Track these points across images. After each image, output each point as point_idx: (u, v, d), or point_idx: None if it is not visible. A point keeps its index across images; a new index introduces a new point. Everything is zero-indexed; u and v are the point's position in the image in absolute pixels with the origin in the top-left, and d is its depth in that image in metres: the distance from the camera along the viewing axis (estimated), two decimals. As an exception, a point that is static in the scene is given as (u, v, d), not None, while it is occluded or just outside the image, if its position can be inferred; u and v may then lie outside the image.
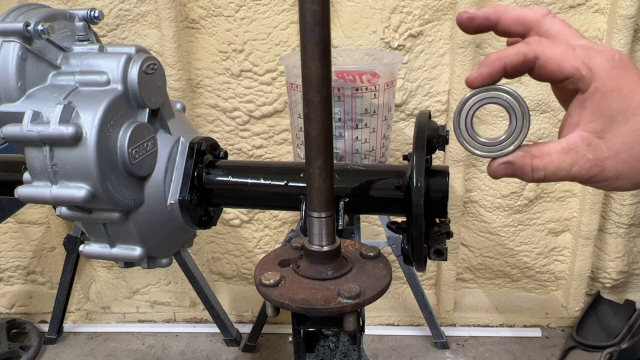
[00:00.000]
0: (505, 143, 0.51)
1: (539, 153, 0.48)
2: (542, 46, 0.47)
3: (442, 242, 0.63)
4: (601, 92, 0.45)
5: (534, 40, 0.49)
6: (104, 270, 2.01)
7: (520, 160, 0.49)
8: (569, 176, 0.47)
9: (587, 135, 0.46)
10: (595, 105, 0.45)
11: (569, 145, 0.47)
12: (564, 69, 0.46)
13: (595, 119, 0.45)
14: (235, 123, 1.75)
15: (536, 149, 0.49)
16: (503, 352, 1.78)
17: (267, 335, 1.87)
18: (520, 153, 0.50)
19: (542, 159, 0.48)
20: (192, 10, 1.63)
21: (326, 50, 0.52)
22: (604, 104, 0.45)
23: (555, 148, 0.47)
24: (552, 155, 0.47)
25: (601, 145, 0.45)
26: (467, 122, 0.52)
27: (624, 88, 0.44)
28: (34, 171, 0.64)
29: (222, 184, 0.77)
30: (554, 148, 0.47)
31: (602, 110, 0.45)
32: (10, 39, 0.64)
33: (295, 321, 0.63)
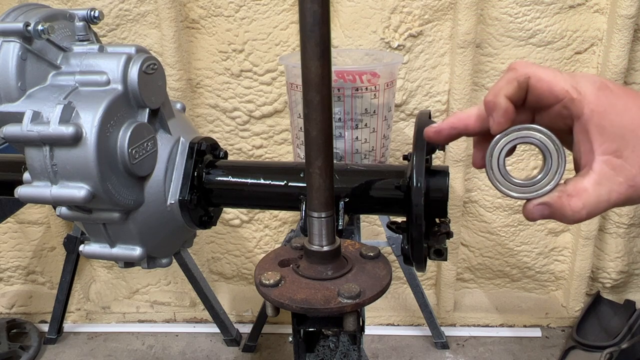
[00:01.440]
0: (541, 183, 0.50)
1: (575, 191, 0.46)
2: (532, 68, 0.47)
3: (442, 242, 0.63)
4: (597, 113, 0.45)
5: (520, 64, 0.48)
6: (104, 270, 2.01)
7: (557, 202, 0.47)
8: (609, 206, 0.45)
9: (607, 158, 0.45)
10: (599, 127, 0.45)
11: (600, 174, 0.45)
12: (555, 90, 0.46)
13: (606, 139, 0.45)
14: (235, 123, 1.75)
15: (572, 188, 0.47)
16: (503, 352, 1.78)
17: (267, 335, 1.87)
18: (556, 194, 0.48)
19: (580, 197, 0.46)
20: (192, 10, 1.63)
21: (326, 50, 0.52)
22: (606, 123, 0.45)
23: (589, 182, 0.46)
24: (589, 190, 0.45)
25: (624, 164, 0.44)
26: (499, 164, 0.51)
27: (617, 105, 0.44)
28: (34, 171, 0.64)
29: (222, 184, 0.77)
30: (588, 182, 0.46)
31: (607, 130, 0.45)
32: (10, 39, 0.64)
33: (295, 321, 0.63)
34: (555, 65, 1.62)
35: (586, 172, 0.46)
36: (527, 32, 1.58)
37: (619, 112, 0.44)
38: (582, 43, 1.60)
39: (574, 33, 1.59)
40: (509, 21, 1.57)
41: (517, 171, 1.74)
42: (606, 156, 0.45)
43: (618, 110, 0.44)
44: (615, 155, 0.45)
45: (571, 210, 0.46)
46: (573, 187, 0.47)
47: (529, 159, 1.72)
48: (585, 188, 0.46)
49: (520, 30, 1.58)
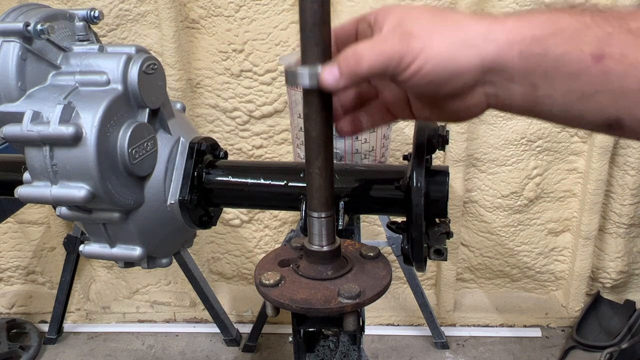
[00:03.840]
0: None
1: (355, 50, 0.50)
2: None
3: (442, 242, 0.63)
4: (381, 16, 0.51)
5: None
6: (104, 270, 2.01)
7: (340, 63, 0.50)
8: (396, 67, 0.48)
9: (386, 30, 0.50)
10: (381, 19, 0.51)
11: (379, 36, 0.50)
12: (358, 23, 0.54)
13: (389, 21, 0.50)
14: (235, 123, 1.75)
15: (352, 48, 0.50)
16: (503, 352, 1.78)
17: (267, 335, 1.87)
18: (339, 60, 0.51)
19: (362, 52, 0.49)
20: (192, 10, 1.63)
21: (326, 50, 0.52)
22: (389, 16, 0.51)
23: (369, 42, 0.50)
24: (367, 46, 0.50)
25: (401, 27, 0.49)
26: None
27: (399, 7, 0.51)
28: (34, 171, 0.64)
29: (222, 184, 0.77)
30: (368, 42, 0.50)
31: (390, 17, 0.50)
32: (10, 39, 0.64)
33: (295, 321, 0.63)
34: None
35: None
36: (527, 32, 1.58)
37: (401, 7, 0.51)
38: (582, 43, 1.60)
39: (574, 33, 1.59)
40: (509, 21, 1.57)
41: (517, 171, 1.74)
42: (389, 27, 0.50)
43: (401, 7, 0.51)
44: (396, 26, 0.49)
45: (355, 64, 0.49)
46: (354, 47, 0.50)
47: (529, 159, 1.72)
48: (366, 45, 0.49)
49: (520, 30, 1.58)
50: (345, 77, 0.50)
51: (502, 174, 1.75)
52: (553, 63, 0.46)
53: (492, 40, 0.47)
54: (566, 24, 0.46)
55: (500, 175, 1.75)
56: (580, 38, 0.45)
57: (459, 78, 0.48)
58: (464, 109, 0.51)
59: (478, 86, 0.49)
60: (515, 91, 0.48)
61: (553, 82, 0.46)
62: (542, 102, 0.48)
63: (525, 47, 0.46)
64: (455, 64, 0.47)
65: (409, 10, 0.50)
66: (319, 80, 0.50)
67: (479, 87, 0.50)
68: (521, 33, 0.47)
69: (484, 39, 0.47)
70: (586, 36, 0.45)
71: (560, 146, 1.72)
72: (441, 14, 0.50)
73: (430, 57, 0.47)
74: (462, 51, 0.47)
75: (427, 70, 0.48)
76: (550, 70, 0.46)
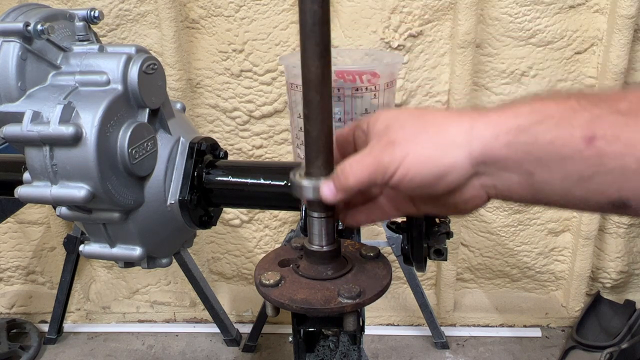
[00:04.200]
0: None
1: (348, 165, 0.54)
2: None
3: (442, 242, 0.63)
4: (370, 123, 0.54)
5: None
6: (104, 270, 2.01)
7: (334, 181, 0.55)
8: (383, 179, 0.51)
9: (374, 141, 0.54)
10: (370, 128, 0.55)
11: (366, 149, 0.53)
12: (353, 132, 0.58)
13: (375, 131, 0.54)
14: (235, 123, 1.75)
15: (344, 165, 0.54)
16: (503, 352, 1.78)
17: (267, 335, 1.87)
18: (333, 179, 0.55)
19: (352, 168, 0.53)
20: (192, 10, 1.63)
21: (326, 50, 0.52)
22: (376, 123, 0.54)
23: (359, 156, 0.53)
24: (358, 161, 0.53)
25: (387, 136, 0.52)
26: None
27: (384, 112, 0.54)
28: (34, 171, 0.64)
29: (222, 184, 0.77)
30: (358, 156, 0.54)
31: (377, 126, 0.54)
32: (10, 39, 0.64)
33: (295, 321, 0.63)
34: (555, 65, 1.62)
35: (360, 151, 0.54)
36: (527, 32, 1.58)
37: (386, 112, 0.53)
38: (582, 43, 1.60)
39: (574, 33, 1.59)
40: (509, 21, 1.57)
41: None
42: (375, 138, 0.53)
43: (386, 112, 0.54)
44: (381, 134, 0.53)
45: (345, 179, 0.53)
46: (346, 163, 0.54)
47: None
48: (356, 160, 0.53)
49: (520, 30, 1.58)
50: (340, 192, 0.54)
51: (502, 174, 1.75)
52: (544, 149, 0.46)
53: (476, 136, 0.48)
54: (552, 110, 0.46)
55: (500, 175, 1.75)
56: (568, 122, 0.45)
57: (447, 177, 0.49)
58: (463, 203, 0.52)
59: (473, 179, 0.50)
60: (512, 180, 0.49)
61: (548, 167, 0.46)
62: (541, 188, 0.48)
63: (512, 138, 0.47)
64: (440, 166, 0.49)
65: (395, 116, 0.53)
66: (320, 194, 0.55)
67: (474, 180, 0.50)
68: (506, 124, 0.48)
69: (468, 136, 0.48)
70: (575, 120, 0.45)
71: (560, 146, 1.72)
72: (425, 116, 0.52)
73: (413, 162, 0.49)
74: (447, 152, 0.49)
75: (413, 175, 0.50)
76: (542, 156, 0.46)
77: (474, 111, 0.51)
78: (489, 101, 1.66)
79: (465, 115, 0.50)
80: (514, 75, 1.63)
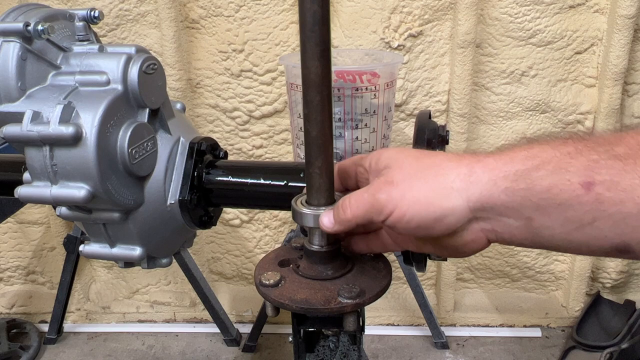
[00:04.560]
0: None
1: (347, 201, 0.55)
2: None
3: (442, 242, 0.63)
4: (373, 161, 0.56)
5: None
6: (104, 270, 2.01)
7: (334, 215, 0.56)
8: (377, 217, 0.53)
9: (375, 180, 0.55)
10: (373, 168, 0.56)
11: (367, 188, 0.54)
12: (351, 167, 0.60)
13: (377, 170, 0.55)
14: (235, 123, 1.75)
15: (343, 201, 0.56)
16: (503, 352, 1.78)
17: (267, 335, 1.87)
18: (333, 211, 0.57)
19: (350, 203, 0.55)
20: (192, 10, 1.63)
21: (326, 50, 0.52)
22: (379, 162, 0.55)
23: (358, 193, 0.55)
24: (357, 199, 0.54)
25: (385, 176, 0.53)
26: None
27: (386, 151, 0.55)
28: (34, 171, 0.64)
29: (222, 184, 0.77)
30: (357, 194, 0.55)
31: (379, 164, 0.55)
32: (10, 39, 0.64)
33: (295, 321, 0.63)
34: (555, 65, 1.62)
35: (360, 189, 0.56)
36: (527, 32, 1.58)
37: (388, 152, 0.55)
38: (582, 43, 1.60)
39: (574, 33, 1.59)
40: (509, 21, 1.57)
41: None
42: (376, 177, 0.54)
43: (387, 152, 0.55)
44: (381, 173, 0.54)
45: (343, 214, 0.55)
46: (345, 200, 0.55)
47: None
48: (355, 198, 0.54)
49: (520, 30, 1.58)
50: (338, 224, 0.55)
51: (502, 174, 1.75)
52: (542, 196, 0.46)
53: (474, 182, 0.49)
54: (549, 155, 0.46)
55: (500, 175, 1.75)
56: (565, 168, 0.45)
57: (445, 220, 0.50)
58: (462, 246, 0.53)
59: (472, 224, 0.50)
60: (511, 225, 0.49)
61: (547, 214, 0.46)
62: (540, 233, 0.48)
63: (509, 184, 0.47)
64: (438, 209, 0.49)
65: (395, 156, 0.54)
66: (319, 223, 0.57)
67: (474, 225, 0.51)
68: (503, 170, 0.48)
69: (466, 181, 0.49)
70: (572, 166, 0.45)
71: (560, 146, 1.72)
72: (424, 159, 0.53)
73: (410, 204, 0.50)
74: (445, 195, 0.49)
75: (411, 216, 0.50)
76: (540, 203, 0.46)
77: (472, 156, 0.51)
78: (489, 101, 1.66)
79: (464, 159, 0.51)
80: (514, 75, 1.63)
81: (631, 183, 0.43)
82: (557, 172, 0.45)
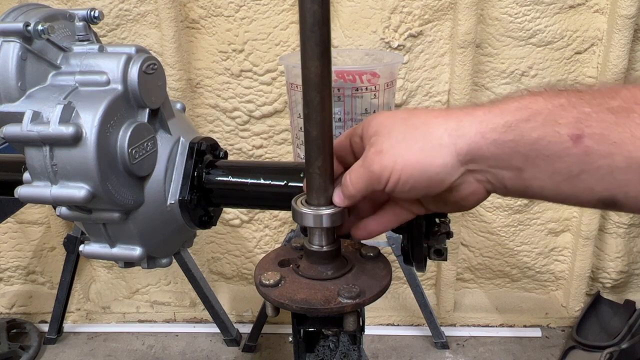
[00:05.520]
0: None
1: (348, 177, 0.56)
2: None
3: (442, 242, 0.63)
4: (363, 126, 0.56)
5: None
6: (104, 270, 2.01)
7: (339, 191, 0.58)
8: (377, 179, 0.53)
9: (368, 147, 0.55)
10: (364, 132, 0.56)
11: (362, 158, 0.55)
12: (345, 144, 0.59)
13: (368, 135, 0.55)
14: (235, 123, 1.75)
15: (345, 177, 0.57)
16: (503, 352, 1.78)
17: (267, 335, 1.87)
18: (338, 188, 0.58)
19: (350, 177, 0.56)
20: (192, 10, 1.63)
21: (326, 50, 0.52)
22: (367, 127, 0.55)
23: (355, 165, 0.56)
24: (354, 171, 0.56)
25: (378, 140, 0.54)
26: None
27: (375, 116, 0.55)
28: (34, 171, 0.64)
29: (222, 184, 0.77)
30: (354, 166, 0.56)
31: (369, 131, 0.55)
32: (10, 39, 0.64)
33: (295, 321, 0.63)
34: (555, 65, 1.62)
35: None
36: (527, 32, 1.58)
37: (377, 116, 0.55)
38: (582, 43, 1.60)
39: (574, 33, 1.59)
40: (509, 21, 1.57)
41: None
42: (369, 144, 0.54)
43: (377, 115, 0.55)
44: (373, 137, 0.54)
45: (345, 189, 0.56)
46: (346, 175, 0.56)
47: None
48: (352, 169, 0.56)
49: (520, 30, 1.58)
50: (347, 199, 0.57)
51: (502, 174, 1.75)
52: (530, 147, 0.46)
53: (461, 135, 0.49)
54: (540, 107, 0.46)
55: (500, 175, 1.75)
56: (555, 120, 0.45)
57: (438, 177, 0.50)
58: (463, 199, 0.53)
59: (467, 176, 0.51)
60: (504, 176, 0.49)
61: (535, 165, 0.47)
62: (530, 184, 0.48)
63: (497, 135, 0.47)
64: (429, 168, 0.50)
65: (384, 121, 0.54)
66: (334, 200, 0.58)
67: (469, 177, 0.51)
68: (492, 122, 0.48)
69: (454, 135, 0.49)
70: (562, 118, 0.45)
71: (560, 146, 1.72)
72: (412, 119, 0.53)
73: (402, 168, 0.50)
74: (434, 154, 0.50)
75: (405, 180, 0.51)
76: (529, 154, 0.46)
77: (461, 109, 0.51)
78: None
79: (452, 114, 0.51)
80: (514, 75, 1.63)
81: (621, 137, 0.43)
82: (547, 123, 0.46)
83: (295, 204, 0.60)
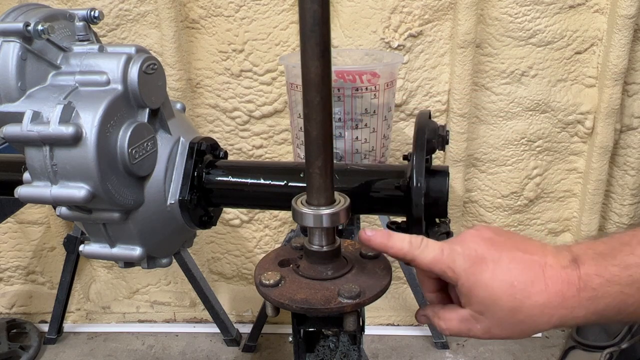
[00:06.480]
0: None
1: (444, 318, 0.62)
2: (419, 251, 0.59)
3: (442, 242, 0.63)
4: (466, 288, 0.58)
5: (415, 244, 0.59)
6: (104, 270, 2.01)
7: (432, 317, 0.64)
8: (469, 336, 0.61)
9: (472, 313, 0.59)
10: (467, 297, 0.59)
11: (463, 317, 0.60)
12: (434, 271, 0.60)
13: (472, 305, 0.59)
14: (235, 123, 1.75)
15: (443, 313, 0.62)
16: (503, 352, 1.78)
17: (267, 335, 1.87)
18: (431, 312, 0.64)
19: (445, 322, 0.62)
20: (192, 10, 1.63)
21: (326, 50, 0.52)
22: (473, 296, 0.58)
23: (456, 317, 0.61)
24: (454, 321, 0.61)
25: (484, 319, 0.59)
26: None
27: (484, 280, 0.58)
28: (34, 171, 0.64)
29: (222, 184, 0.77)
30: (455, 316, 0.61)
31: (473, 300, 0.59)
32: (10, 39, 0.64)
33: (295, 321, 0.63)
34: (555, 65, 1.62)
35: (458, 309, 0.61)
36: (527, 32, 1.58)
37: (484, 287, 0.57)
38: (582, 43, 1.60)
39: (574, 33, 1.59)
40: (509, 21, 1.57)
41: (517, 171, 1.74)
42: (472, 312, 0.59)
43: (483, 285, 0.57)
44: (479, 313, 0.59)
45: (438, 326, 0.62)
46: (444, 313, 0.62)
47: (529, 159, 1.72)
48: (451, 318, 0.61)
49: (520, 30, 1.58)
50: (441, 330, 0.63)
51: (502, 174, 1.75)
52: None
53: (567, 322, 0.57)
54: None
55: (500, 175, 1.75)
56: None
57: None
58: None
59: None
60: None
61: None
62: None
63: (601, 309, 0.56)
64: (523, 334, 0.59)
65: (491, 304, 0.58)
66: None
67: None
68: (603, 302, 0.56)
69: (559, 324, 0.57)
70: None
71: (560, 146, 1.72)
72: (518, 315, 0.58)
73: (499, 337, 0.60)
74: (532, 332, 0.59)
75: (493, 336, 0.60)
76: None
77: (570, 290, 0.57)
78: (489, 101, 1.66)
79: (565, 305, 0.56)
80: (514, 75, 1.63)
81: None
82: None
83: (296, 204, 0.60)
